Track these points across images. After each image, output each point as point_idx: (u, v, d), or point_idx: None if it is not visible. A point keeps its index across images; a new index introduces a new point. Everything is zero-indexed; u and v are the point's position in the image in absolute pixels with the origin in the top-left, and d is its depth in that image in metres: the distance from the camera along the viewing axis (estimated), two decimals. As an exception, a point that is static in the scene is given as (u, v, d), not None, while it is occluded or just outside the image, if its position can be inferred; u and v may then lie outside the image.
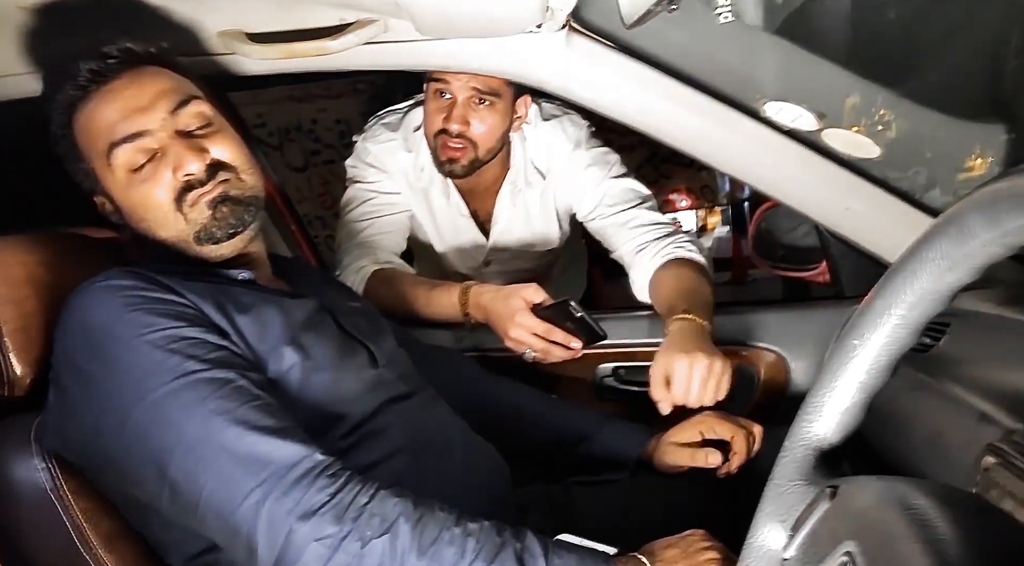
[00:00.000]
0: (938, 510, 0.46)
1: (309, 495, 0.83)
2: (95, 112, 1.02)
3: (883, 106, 1.26)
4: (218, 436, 0.85)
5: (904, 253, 0.55)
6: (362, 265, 1.64)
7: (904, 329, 0.55)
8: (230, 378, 0.89)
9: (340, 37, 1.20)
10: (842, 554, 0.48)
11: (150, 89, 1.03)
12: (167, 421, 0.87)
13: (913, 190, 1.32)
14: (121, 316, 0.92)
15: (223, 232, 1.04)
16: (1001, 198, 0.47)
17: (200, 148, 1.02)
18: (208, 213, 1.02)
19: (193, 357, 0.89)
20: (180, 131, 1.02)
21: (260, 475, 0.83)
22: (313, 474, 0.84)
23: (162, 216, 1.02)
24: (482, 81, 1.57)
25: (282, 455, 0.85)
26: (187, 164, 1.00)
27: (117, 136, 1.00)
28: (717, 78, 1.30)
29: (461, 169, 1.66)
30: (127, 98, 1.01)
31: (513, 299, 1.38)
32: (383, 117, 1.80)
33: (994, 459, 0.75)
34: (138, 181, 1.01)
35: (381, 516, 0.84)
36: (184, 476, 0.86)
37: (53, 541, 0.97)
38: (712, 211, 5.94)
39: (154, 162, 1.01)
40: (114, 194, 1.04)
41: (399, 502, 0.86)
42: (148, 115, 1.01)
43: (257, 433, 0.86)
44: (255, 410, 0.88)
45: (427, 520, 0.86)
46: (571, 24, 1.23)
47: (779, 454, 0.61)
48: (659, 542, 0.96)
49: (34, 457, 0.96)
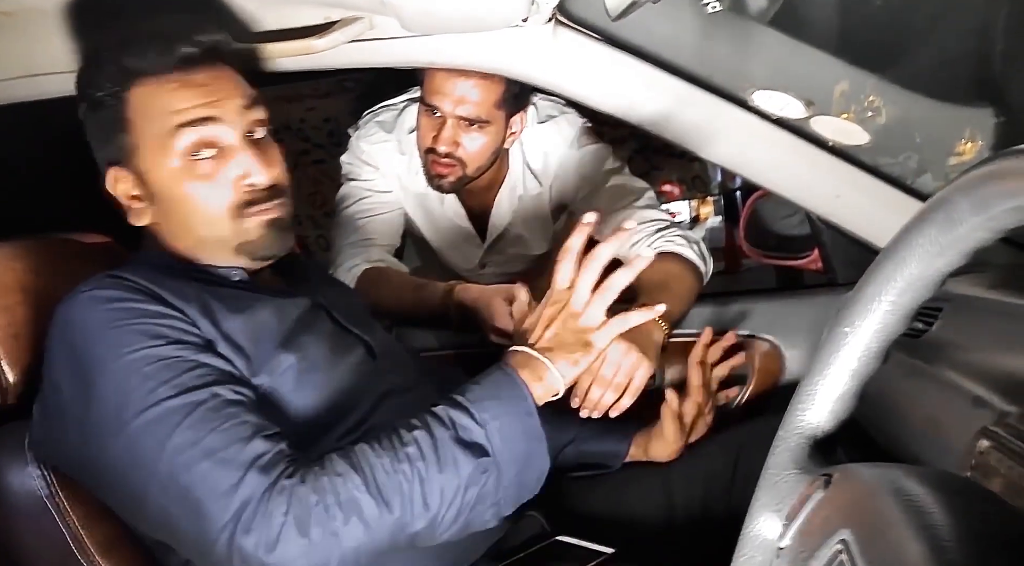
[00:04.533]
0: (933, 496, 0.46)
1: (268, 523, 0.83)
2: (168, 92, 0.99)
3: (872, 92, 1.26)
4: (186, 475, 0.85)
5: (893, 239, 0.55)
6: (354, 264, 1.63)
7: (894, 315, 0.55)
8: (200, 400, 0.88)
9: (326, 35, 1.20)
10: (837, 542, 0.48)
11: (228, 83, 1.02)
12: (140, 460, 0.87)
13: (904, 176, 1.32)
14: (100, 334, 0.91)
15: (266, 253, 1.04)
16: (988, 182, 0.47)
17: (270, 161, 1.02)
18: (263, 232, 1.02)
19: (166, 381, 0.88)
20: (249, 137, 1.01)
21: (227, 511, 0.83)
22: (267, 500, 0.83)
23: (209, 218, 1.01)
24: (470, 111, 1.57)
25: (244, 488, 0.84)
26: (255, 174, 1.00)
27: (188, 117, 0.98)
28: (705, 68, 1.30)
29: (449, 185, 1.66)
30: (206, 87, 1.00)
31: (497, 300, 1.38)
32: (378, 113, 1.78)
33: (988, 443, 0.75)
34: (196, 174, 0.99)
35: (337, 503, 0.84)
36: (161, 511, 0.87)
37: (50, 549, 0.97)
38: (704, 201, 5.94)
39: (217, 161, 1.00)
40: (155, 177, 1.01)
41: (343, 478, 0.86)
42: (223, 105, 1.00)
43: (221, 468, 0.85)
44: (222, 435, 0.87)
45: (374, 474, 0.86)
46: (557, 17, 1.23)
47: (773, 443, 0.61)
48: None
49: (29, 465, 0.96)
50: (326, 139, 4.19)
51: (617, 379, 1.23)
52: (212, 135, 0.99)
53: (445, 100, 1.56)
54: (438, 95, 1.56)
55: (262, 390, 0.96)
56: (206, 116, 0.99)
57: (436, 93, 1.57)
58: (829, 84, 1.27)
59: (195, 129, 0.98)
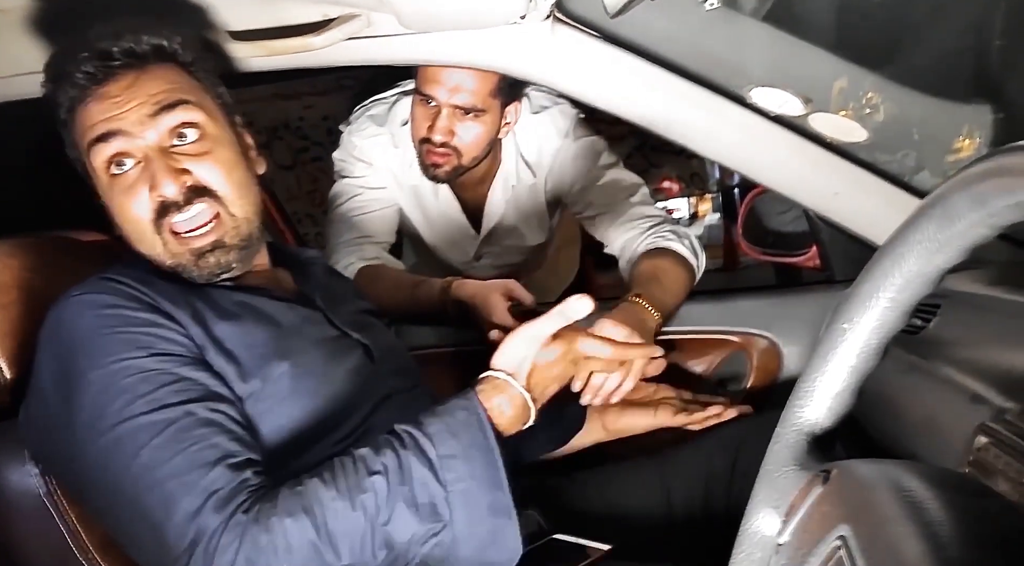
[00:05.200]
0: (931, 492, 0.46)
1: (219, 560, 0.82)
2: (87, 111, 0.98)
3: (870, 89, 1.26)
4: (148, 495, 0.85)
5: (891, 236, 0.55)
6: (349, 262, 1.63)
7: (893, 312, 0.55)
8: (173, 418, 0.87)
9: (323, 33, 1.20)
10: (836, 538, 0.48)
11: (140, 91, 0.98)
12: (110, 473, 0.87)
13: (902, 173, 1.32)
14: (86, 341, 0.91)
15: (204, 277, 1.01)
16: (986, 178, 0.47)
17: (179, 168, 0.98)
18: (190, 258, 0.99)
19: (142, 396, 0.87)
20: (164, 147, 0.98)
21: (184, 539, 0.83)
22: (219, 535, 0.82)
23: (139, 232, 1.00)
24: (466, 99, 1.56)
25: (200, 520, 0.83)
26: (162, 184, 0.96)
27: (95, 134, 0.97)
28: (703, 65, 1.30)
29: (444, 175, 1.66)
30: (114, 100, 0.97)
31: (492, 297, 1.38)
32: (369, 108, 1.77)
33: (986, 439, 0.75)
34: (118, 189, 0.98)
35: (287, 546, 0.83)
36: (126, 526, 0.89)
37: (48, 547, 0.97)
38: (703, 198, 5.95)
39: (135, 172, 0.98)
40: (101, 195, 1.02)
41: (294, 519, 0.84)
42: (126, 116, 0.97)
43: (183, 493, 0.84)
44: (187, 458, 0.85)
45: (325, 518, 0.84)
46: (555, 14, 1.23)
47: (772, 439, 0.61)
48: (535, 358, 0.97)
49: (27, 463, 0.96)
50: (325, 137, 4.19)
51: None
52: (121, 148, 0.97)
53: (440, 89, 1.56)
54: (433, 84, 1.56)
55: (254, 396, 0.95)
56: (109, 130, 0.97)
57: (431, 82, 1.56)
58: (827, 81, 1.27)
59: (103, 145, 0.97)
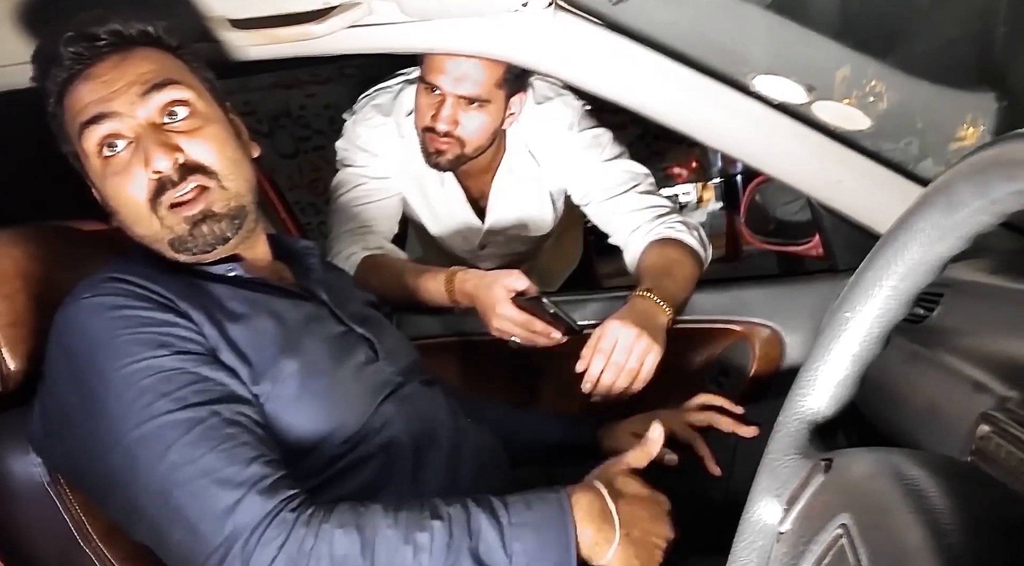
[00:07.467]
0: (933, 480, 0.46)
1: (261, 553, 0.82)
2: (75, 94, 0.98)
3: (873, 77, 1.25)
4: (180, 492, 0.84)
5: (894, 224, 0.55)
6: (352, 252, 1.63)
7: (895, 300, 0.55)
8: (200, 418, 0.87)
9: (324, 21, 1.19)
10: (837, 526, 0.48)
11: (128, 71, 0.98)
12: (136, 473, 0.86)
13: (905, 161, 1.31)
14: (102, 344, 0.89)
15: (199, 248, 1.00)
16: (989, 166, 0.47)
17: (171, 144, 0.97)
18: (186, 228, 0.98)
19: (165, 394, 0.87)
20: (154, 123, 0.98)
21: (220, 534, 0.83)
22: (264, 527, 0.83)
23: (135, 213, 0.99)
24: (471, 89, 1.55)
25: (240, 511, 0.83)
26: (155, 160, 0.95)
27: (86, 116, 0.96)
28: (705, 53, 1.29)
29: (447, 163, 1.65)
30: (103, 80, 0.97)
31: (495, 288, 1.38)
32: (374, 97, 1.77)
33: (988, 428, 0.75)
34: (111, 172, 0.98)
35: (330, 556, 0.83)
36: (154, 525, 0.87)
37: (52, 535, 0.97)
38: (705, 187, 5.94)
39: (127, 153, 0.97)
40: (94, 181, 1.01)
41: (344, 532, 0.84)
42: (116, 97, 0.96)
43: (218, 488, 0.84)
44: (221, 455, 0.85)
45: (375, 542, 0.84)
46: (557, 2, 1.22)
47: (774, 428, 0.61)
48: (627, 482, 0.97)
49: (31, 452, 0.96)
50: (327, 126, 4.18)
51: (629, 365, 1.23)
52: (113, 129, 0.97)
53: (445, 78, 1.55)
54: (438, 73, 1.55)
55: (263, 398, 0.94)
56: (100, 112, 0.96)
57: (436, 71, 1.55)
58: (831, 69, 1.26)
59: (94, 126, 0.96)
